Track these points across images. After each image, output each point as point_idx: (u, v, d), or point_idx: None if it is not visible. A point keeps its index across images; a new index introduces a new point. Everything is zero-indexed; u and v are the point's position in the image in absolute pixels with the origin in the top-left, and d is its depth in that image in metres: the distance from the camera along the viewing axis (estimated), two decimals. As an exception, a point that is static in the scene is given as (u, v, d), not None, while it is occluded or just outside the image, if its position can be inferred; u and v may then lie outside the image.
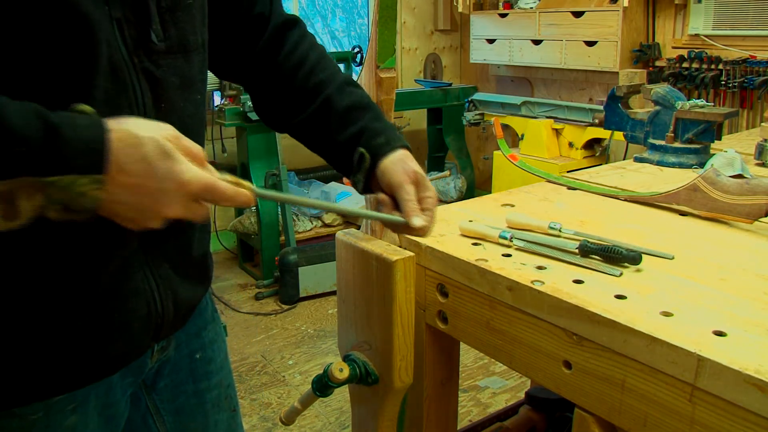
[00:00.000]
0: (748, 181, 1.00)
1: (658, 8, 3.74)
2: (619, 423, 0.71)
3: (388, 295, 0.89)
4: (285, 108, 0.94)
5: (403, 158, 0.88)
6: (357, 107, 0.91)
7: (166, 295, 0.80)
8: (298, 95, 0.93)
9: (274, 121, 0.98)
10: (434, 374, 1.02)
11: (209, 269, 0.93)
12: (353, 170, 0.89)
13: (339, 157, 0.92)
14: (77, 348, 0.73)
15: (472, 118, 4.23)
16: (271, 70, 0.94)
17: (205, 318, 0.96)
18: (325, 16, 5.00)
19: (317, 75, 0.92)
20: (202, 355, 0.95)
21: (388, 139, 0.89)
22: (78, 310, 0.72)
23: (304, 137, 0.96)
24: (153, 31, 0.72)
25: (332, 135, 0.91)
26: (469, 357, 2.75)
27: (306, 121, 0.93)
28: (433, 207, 0.87)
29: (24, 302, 0.69)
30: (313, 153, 0.96)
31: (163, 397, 0.91)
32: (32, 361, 0.72)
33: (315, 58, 0.94)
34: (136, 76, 0.71)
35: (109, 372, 0.79)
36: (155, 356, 0.87)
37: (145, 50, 0.72)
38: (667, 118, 1.43)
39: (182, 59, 0.77)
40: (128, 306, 0.76)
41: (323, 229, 3.93)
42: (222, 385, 0.98)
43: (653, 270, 0.83)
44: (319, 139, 0.93)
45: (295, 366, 2.77)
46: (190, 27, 0.78)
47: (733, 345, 0.64)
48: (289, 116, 0.94)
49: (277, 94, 0.94)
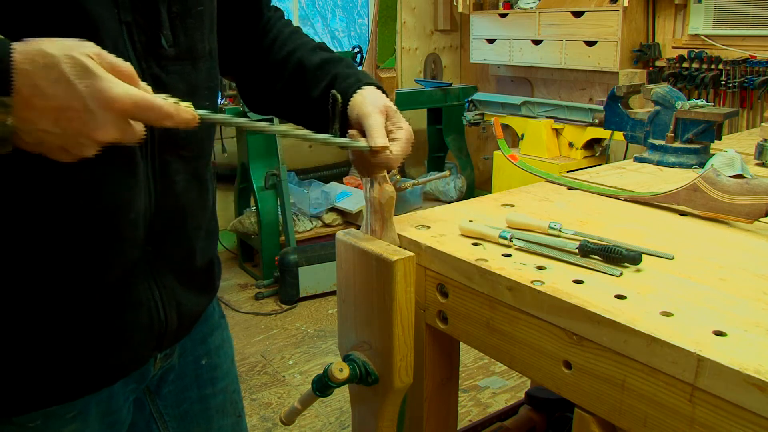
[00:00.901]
0: (748, 181, 1.00)
1: (658, 8, 3.74)
2: (619, 423, 0.71)
3: (388, 295, 0.89)
4: (264, 83, 0.94)
5: (373, 92, 0.85)
6: (329, 61, 0.90)
7: (169, 305, 0.79)
8: (275, 66, 0.92)
9: (259, 102, 0.97)
10: (434, 374, 1.02)
11: (215, 278, 0.92)
12: (330, 122, 0.87)
13: (315, 115, 0.90)
14: (77, 358, 0.72)
15: (472, 118, 4.23)
16: (254, 52, 0.94)
17: (211, 324, 0.95)
18: (325, 16, 5.00)
19: (289, 45, 0.92)
20: (208, 361, 0.94)
21: (359, 78, 0.87)
22: (77, 321, 0.71)
23: (284, 106, 0.94)
24: (163, 37, 0.72)
25: (307, 94, 0.89)
26: (469, 357, 2.75)
27: (283, 88, 0.92)
28: (404, 138, 0.83)
29: (22, 311, 0.68)
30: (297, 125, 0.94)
31: (167, 402, 0.90)
32: (30, 371, 0.71)
33: (288, 32, 0.95)
34: (144, 81, 0.70)
35: (109, 382, 0.78)
36: (158, 364, 0.86)
37: (154, 56, 0.71)
38: (667, 118, 1.43)
39: (190, 66, 0.76)
40: (130, 317, 0.75)
41: (323, 229, 3.93)
42: (228, 391, 0.97)
43: (653, 270, 0.83)
44: (297, 102, 0.92)
45: (295, 366, 2.77)
46: (199, 34, 0.77)
47: (733, 345, 0.64)
48: (269, 89, 0.93)
49: (258, 72, 0.94)
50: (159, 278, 0.78)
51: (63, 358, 0.71)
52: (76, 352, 0.72)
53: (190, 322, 0.86)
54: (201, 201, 0.83)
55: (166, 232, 0.78)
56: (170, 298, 0.79)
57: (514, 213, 1.03)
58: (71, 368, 0.72)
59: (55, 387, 0.72)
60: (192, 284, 0.84)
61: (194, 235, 0.83)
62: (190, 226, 0.81)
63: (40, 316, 0.69)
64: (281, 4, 4.55)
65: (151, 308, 0.77)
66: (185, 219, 0.80)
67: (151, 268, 0.76)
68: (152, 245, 0.76)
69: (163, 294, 0.78)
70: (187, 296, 0.82)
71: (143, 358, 0.80)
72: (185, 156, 0.78)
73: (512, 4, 4.38)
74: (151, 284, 0.76)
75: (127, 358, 0.77)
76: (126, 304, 0.74)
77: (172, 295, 0.79)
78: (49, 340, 0.70)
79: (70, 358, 0.72)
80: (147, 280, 0.76)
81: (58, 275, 0.68)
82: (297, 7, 4.51)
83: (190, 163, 0.79)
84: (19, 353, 0.70)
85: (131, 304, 0.75)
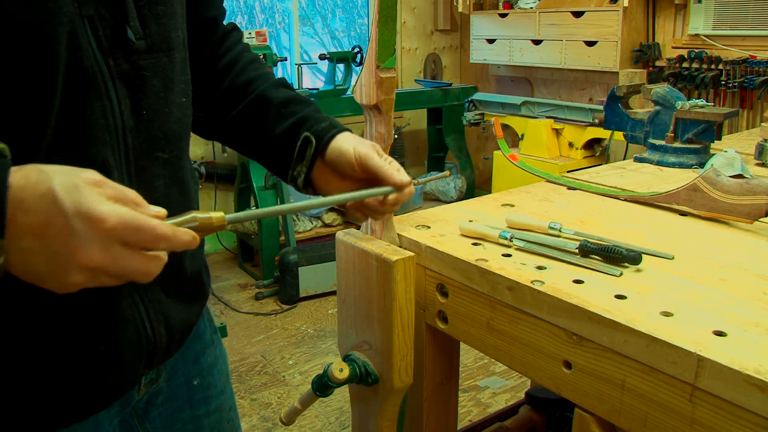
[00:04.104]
0: (748, 181, 1.00)
1: (658, 8, 3.74)
2: (619, 423, 0.71)
3: (388, 295, 0.89)
4: (216, 107, 0.88)
5: (353, 137, 0.84)
6: (295, 101, 0.87)
7: (157, 320, 0.74)
8: (229, 93, 0.88)
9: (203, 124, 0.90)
10: (434, 374, 1.02)
11: (205, 285, 0.87)
12: (293, 163, 0.84)
13: (275, 152, 0.86)
14: (62, 383, 0.67)
15: (472, 118, 4.23)
16: (205, 71, 0.88)
17: (203, 342, 0.91)
18: (325, 16, 5.00)
19: (250, 73, 0.88)
20: (201, 381, 0.89)
21: (333, 123, 0.84)
22: (60, 343, 0.66)
23: (234, 136, 0.89)
24: (130, 29, 0.66)
25: (267, 130, 0.85)
26: (469, 357, 2.75)
27: (237, 118, 0.87)
28: (401, 169, 0.83)
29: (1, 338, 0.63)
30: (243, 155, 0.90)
31: (157, 425, 0.85)
32: (15, 400, 0.65)
33: (248, 59, 0.90)
34: (112, 81, 0.65)
35: (100, 407, 0.73)
36: (143, 389, 0.81)
37: (123, 50, 0.66)
38: (667, 118, 1.43)
39: (165, 58, 0.71)
40: (116, 336, 0.70)
41: (323, 229, 3.93)
42: (223, 410, 0.93)
43: (653, 270, 0.83)
44: (251, 135, 0.87)
45: (295, 366, 2.77)
46: (173, 22, 0.72)
47: (733, 345, 0.64)
48: (220, 115, 0.88)
49: (208, 95, 0.88)
50: (144, 293, 0.73)
51: (48, 384, 0.66)
52: (61, 377, 0.67)
53: (181, 335, 0.82)
54: (184, 203, 0.78)
55: None
56: (157, 313, 0.74)
57: (514, 213, 1.03)
58: (57, 394, 0.67)
59: (43, 415, 0.68)
60: (180, 295, 0.79)
61: None
62: None
63: (21, 341, 0.64)
64: (281, 4, 4.55)
65: (138, 325, 0.72)
66: None
67: (135, 284, 0.70)
68: None
69: (150, 309, 0.73)
70: (175, 308, 0.78)
71: (133, 378, 0.76)
72: (163, 158, 0.73)
73: (512, 4, 4.38)
74: (136, 300, 0.72)
75: (118, 380, 0.73)
76: (110, 323, 0.69)
77: (160, 310, 0.75)
78: (33, 365, 0.65)
79: (55, 384, 0.67)
80: (131, 295, 0.71)
81: (33, 297, 0.61)
82: (297, 7, 4.51)
83: (169, 165, 0.74)
84: (7, 382, 0.65)
85: (116, 322, 0.70)
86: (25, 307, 0.63)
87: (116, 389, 0.73)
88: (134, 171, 0.69)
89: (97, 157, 0.64)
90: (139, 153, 0.69)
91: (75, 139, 0.62)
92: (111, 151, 0.66)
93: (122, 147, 0.67)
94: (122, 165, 0.68)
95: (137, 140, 0.69)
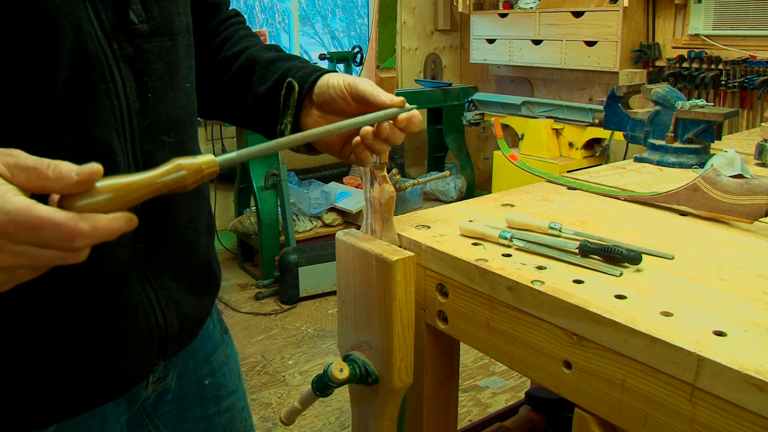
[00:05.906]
0: (748, 181, 1.00)
1: (658, 8, 3.74)
2: (619, 423, 0.71)
3: (388, 295, 0.89)
4: (207, 83, 0.87)
5: (341, 73, 0.80)
6: (282, 58, 0.85)
7: (167, 308, 0.74)
8: (220, 65, 0.87)
9: (205, 108, 0.89)
10: (434, 374, 1.02)
11: (216, 277, 0.86)
12: (279, 115, 0.81)
13: (262, 111, 0.84)
14: (69, 372, 0.67)
15: (472, 118, 4.24)
16: (204, 51, 0.88)
17: (214, 341, 0.91)
18: (325, 16, 5.00)
19: (241, 44, 0.88)
20: (212, 380, 0.89)
21: (317, 68, 0.82)
22: (68, 330, 0.66)
23: (225, 105, 0.88)
24: (132, 11, 0.65)
25: (252, 89, 0.83)
26: (469, 357, 2.75)
27: (225, 87, 0.86)
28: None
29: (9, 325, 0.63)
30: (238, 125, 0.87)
31: (167, 422, 0.85)
32: (24, 388, 0.65)
33: (243, 34, 0.90)
34: (116, 64, 0.64)
35: (110, 396, 0.72)
36: (150, 387, 0.81)
37: (126, 33, 0.65)
38: (667, 118, 1.43)
39: (168, 43, 0.70)
40: (124, 322, 0.69)
41: (323, 229, 3.93)
42: (235, 409, 0.93)
43: (653, 270, 0.83)
44: (240, 99, 0.85)
45: (295, 366, 2.77)
46: (175, 6, 0.71)
47: (733, 345, 0.64)
48: (211, 90, 0.88)
49: (205, 73, 0.87)
50: (154, 279, 0.72)
51: (55, 371, 0.66)
52: (68, 364, 0.66)
53: (193, 325, 0.81)
54: (192, 190, 0.76)
55: (156, 228, 0.72)
56: (168, 300, 0.74)
57: (514, 213, 1.03)
58: (64, 382, 0.67)
59: (50, 404, 0.67)
60: (191, 283, 0.79)
61: (188, 227, 0.77)
62: (182, 218, 0.76)
63: (26, 327, 0.64)
64: (281, 4, 4.55)
65: (147, 311, 0.71)
66: (176, 211, 0.75)
67: (144, 268, 0.71)
68: (142, 243, 0.70)
69: (160, 296, 0.73)
70: (186, 296, 0.77)
71: (145, 367, 0.75)
72: (169, 143, 0.72)
73: (512, 4, 4.38)
74: (145, 286, 0.71)
75: (128, 368, 0.72)
76: (118, 309, 0.69)
77: (170, 297, 0.74)
78: (39, 352, 0.65)
79: (61, 371, 0.66)
80: (140, 281, 0.71)
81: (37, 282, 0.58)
82: (297, 7, 4.51)
83: (175, 150, 0.73)
84: (12, 371, 0.64)
85: (124, 309, 0.69)
86: (30, 292, 0.62)
87: (126, 378, 0.73)
88: (140, 154, 0.69)
89: (100, 139, 0.64)
90: (144, 136, 0.69)
91: (78, 121, 0.62)
92: (116, 133, 0.66)
93: (127, 129, 0.67)
94: (127, 147, 0.67)
95: (143, 123, 0.69)
